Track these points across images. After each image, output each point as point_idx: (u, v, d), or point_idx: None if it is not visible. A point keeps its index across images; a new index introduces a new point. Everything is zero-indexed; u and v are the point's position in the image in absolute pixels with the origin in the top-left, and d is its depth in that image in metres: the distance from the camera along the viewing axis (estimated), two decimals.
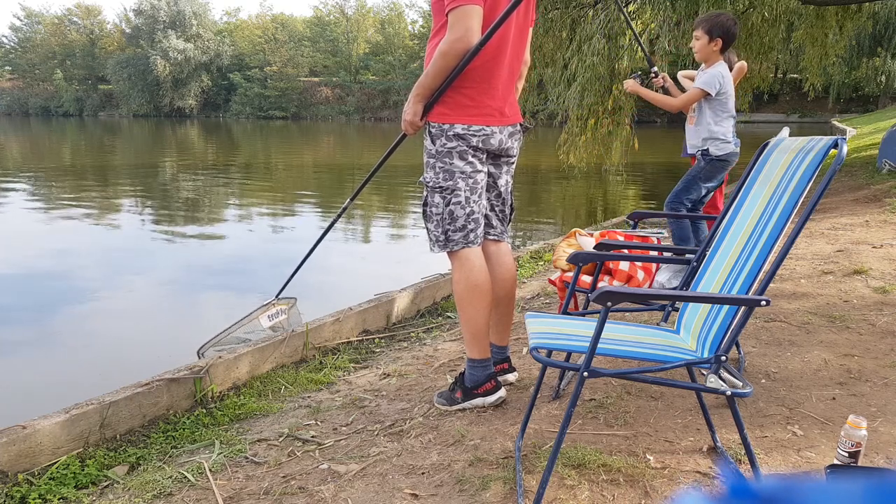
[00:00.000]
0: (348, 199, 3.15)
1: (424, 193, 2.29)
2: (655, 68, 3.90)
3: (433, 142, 2.22)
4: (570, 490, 1.73)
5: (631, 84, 3.72)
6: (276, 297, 3.47)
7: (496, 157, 2.34)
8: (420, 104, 2.18)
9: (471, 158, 2.21)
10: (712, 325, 1.66)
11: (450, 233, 2.24)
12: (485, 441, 2.06)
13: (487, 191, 2.37)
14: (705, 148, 3.51)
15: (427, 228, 2.31)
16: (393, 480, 1.88)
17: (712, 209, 3.88)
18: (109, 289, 5.35)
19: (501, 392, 2.31)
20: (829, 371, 2.46)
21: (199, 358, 3.14)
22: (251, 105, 53.82)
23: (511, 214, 2.48)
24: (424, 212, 2.30)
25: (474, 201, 2.25)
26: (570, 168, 9.44)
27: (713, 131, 3.47)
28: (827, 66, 10.57)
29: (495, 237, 2.44)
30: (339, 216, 3.24)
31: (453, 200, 2.22)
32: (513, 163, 2.41)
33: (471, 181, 2.23)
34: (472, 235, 2.25)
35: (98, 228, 7.97)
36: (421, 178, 2.29)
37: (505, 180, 2.40)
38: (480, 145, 2.21)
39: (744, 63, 4.04)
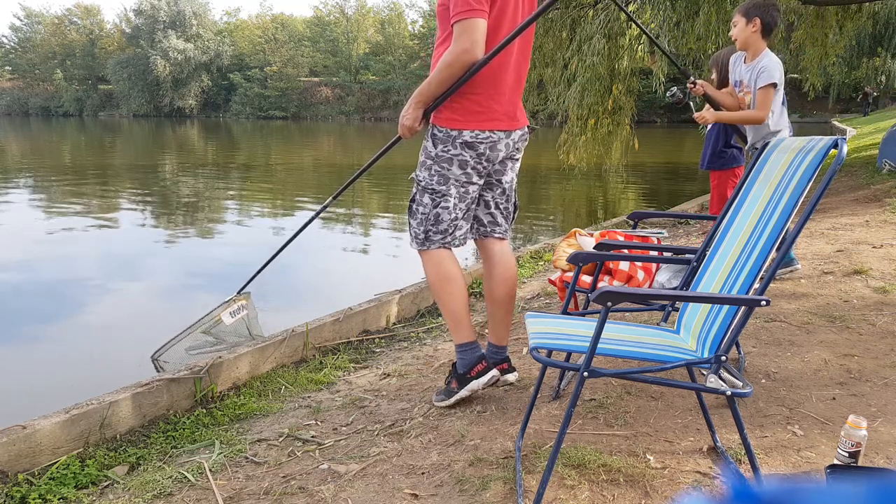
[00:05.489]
0: (329, 198, 3.14)
1: (414, 190, 2.32)
2: (692, 77, 3.65)
3: (435, 145, 2.24)
4: (570, 490, 1.73)
5: (711, 114, 3.43)
6: (238, 292, 3.46)
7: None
8: (420, 110, 2.22)
9: (469, 170, 2.24)
10: (712, 325, 1.66)
11: (430, 233, 2.29)
12: (485, 441, 2.06)
13: (492, 189, 2.39)
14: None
15: (409, 223, 2.36)
16: (393, 480, 1.88)
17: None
18: (110, 288, 5.35)
19: (494, 371, 2.33)
20: (829, 371, 2.45)
21: (154, 365, 3.10)
22: (251, 105, 53.84)
23: (515, 213, 2.49)
24: (410, 207, 2.34)
25: (461, 209, 2.29)
26: (570, 168, 9.45)
27: (780, 123, 3.34)
28: (827, 66, 10.55)
29: (500, 235, 2.45)
30: (318, 215, 3.24)
31: (442, 204, 2.26)
32: (517, 159, 2.43)
33: (462, 190, 2.27)
34: (449, 238, 2.31)
35: (98, 228, 7.97)
36: (413, 175, 2.32)
37: (510, 177, 2.42)
38: (487, 152, 2.23)
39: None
